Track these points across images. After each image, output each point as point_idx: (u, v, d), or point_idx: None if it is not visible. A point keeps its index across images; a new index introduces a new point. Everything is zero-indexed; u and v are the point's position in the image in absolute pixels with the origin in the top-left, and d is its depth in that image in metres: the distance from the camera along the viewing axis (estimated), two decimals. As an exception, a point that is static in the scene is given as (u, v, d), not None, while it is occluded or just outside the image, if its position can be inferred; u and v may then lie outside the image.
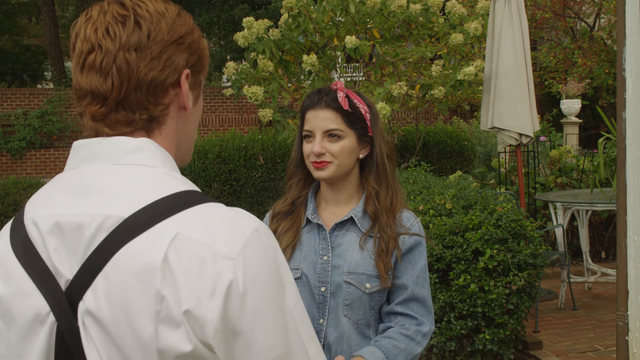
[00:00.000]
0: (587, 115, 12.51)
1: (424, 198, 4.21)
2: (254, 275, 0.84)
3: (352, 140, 1.66)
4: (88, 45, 0.91)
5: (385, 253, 1.64)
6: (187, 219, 0.85)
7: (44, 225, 0.88)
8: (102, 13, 0.92)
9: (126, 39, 0.90)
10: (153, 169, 0.91)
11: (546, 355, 4.19)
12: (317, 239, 1.70)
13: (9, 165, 13.42)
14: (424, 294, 1.69)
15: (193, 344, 0.81)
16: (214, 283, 0.82)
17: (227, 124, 14.10)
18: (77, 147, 0.94)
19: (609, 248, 6.61)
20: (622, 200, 2.37)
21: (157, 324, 0.81)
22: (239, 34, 5.91)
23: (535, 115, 5.31)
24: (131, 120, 0.92)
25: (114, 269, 0.83)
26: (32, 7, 21.46)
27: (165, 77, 0.93)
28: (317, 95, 1.68)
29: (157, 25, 0.93)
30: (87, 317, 0.83)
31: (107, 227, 0.85)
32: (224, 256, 0.83)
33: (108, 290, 0.82)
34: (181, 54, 0.95)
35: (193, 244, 0.83)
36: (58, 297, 0.85)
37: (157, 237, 0.83)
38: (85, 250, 0.85)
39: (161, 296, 0.81)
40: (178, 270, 0.81)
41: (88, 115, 0.92)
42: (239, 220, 0.88)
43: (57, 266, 0.86)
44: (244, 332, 0.83)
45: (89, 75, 0.91)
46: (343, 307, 1.64)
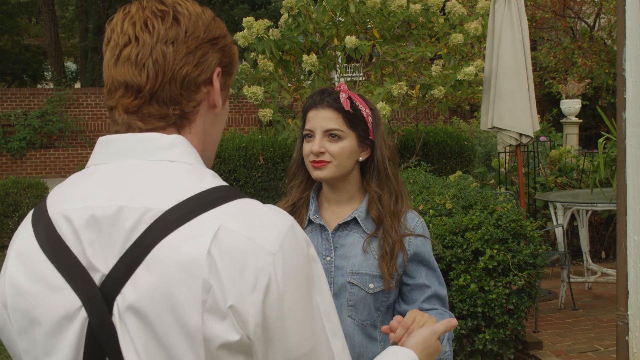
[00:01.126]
0: (587, 115, 12.51)
1: (424, 198, 4.21)
2: (290, 271, 0.85)
3: (352, 141, 1.66)
4: (125, 39, 0.91)
5: (389, 256, 1.64)
6: (228, 212, 0.85)
7: (77, 219, 0.87)
8: (140, 9, 0.93)
9: (164, 32, 0.91)
10: (187, 165, 0.91)
11: (546, 355, 4.19)
12: (319, 240, 1.69)
13: (9, 165, 13.42)
14: (444, 292, 1.71)
15: (240, 335, 0.82)
16: (255, 278, 0.82)
17: (227, 124, 14.09)
18: (106, 142, 0.93)
19: (609, 248, 6.61)
20: (622, 200, 2.37)
21: (204, 313, 0.81)
22: (239, 34, 5.91)
23: (535, 115, 5.31)
24: (165, 114, 0.92)
25: (157, 260, 0.82)
26: (32, 7, 21.47)
27: (198, 74, 0.93)
28: (319, 95, 1.68)
29: (195, 23, 0.94)
30: (127, 312, 0.83)
31: (147, 219, 0.84)
32: (265, 250, 0.84)
33: (150, 282, 0.82)
34: (215, 53, 0.96)
35: (236, 237, 0.83)
36: (91, 292, 0.84)
37: (200, 228, 0.83)
38: (124, 243, 0.84)
39: (209, 286, 0.81)
40: (222, 263, 0.82)
41: (121, 108, 0.92)
42: (276, 216, 0.89)
43: (91, 260, 0.85)
44: (279, 326, 0.84)
45: (124, 67, 0.91)
46: (347, 308, 1.64)
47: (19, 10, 21.23)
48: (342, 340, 0.93)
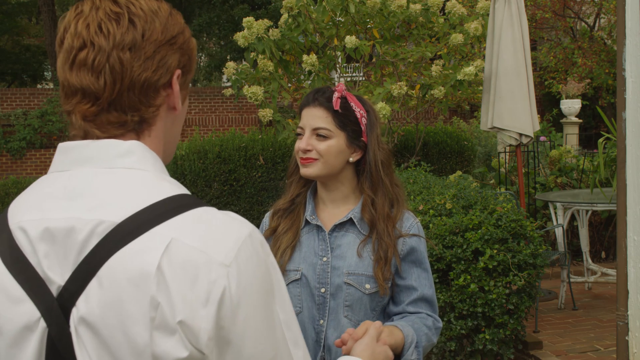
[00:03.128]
0: (587, 115, 12.51)
1: (424, 198, 4.21)
2: (246, 282, 0.83)
3: (340, 141, 1.65)
4: (79, 41, 0.89)
5: (383, 261, 1.63)
6: (181, 224, 0.84)
7: (33, 231, 0.86)
8: (94, 8, 0.90)
9: (120, 37, 0.88)
10: (145, 173, 0.90)
11: (546, 355, 4.19)
12: (316, 240, 1.69)
13: (9, 165, 13.42)
14: (432, 295, 1.70)
15: (189, 351, 0.80)
16: (208, 291, 0.81)
17: (227, 124, 14.09)
18: (65, 149, 0.91)
19: (609, 248, 6.61)
20: (622, 200, 2.37)
21: (152, 331, 0.80)
22: (239, 34, 5.91)
23: (535, 115, 5.31)
24: (123, 121, 0.91)
25: (108, 275, 0.81)
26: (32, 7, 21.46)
27: (158, 78, 0.91)
28: (313, 94, 1.68)
29: (151, 25, 0.91)
30: (81, 324, 0.82)
31: (99, 232, 0.83)
32: (218, 263, 0.82)
33: (101, 296, 0.81)
34: (174, 54, 0.93)
35: (187, 251, 0.82)
36: (49, 303, 0.83)
37: (152, 242, 0.82)
38: (77, 256, 0.83)
39: (156, 303, 0.80)
40: (172, 278, 0.80)
41: (78, 114, 0.90)
42: (233, 225, 0.87)
43: (47, 272, 0.84)
44: (236, 339, 0.82)
45: (80, 72, 0.89)
46: (343, 308, 1.64)
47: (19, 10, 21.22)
48: (304, 350, 0.92)
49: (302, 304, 1.66)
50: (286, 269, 1.68)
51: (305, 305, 1.66)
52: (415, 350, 1.56)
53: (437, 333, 1.68)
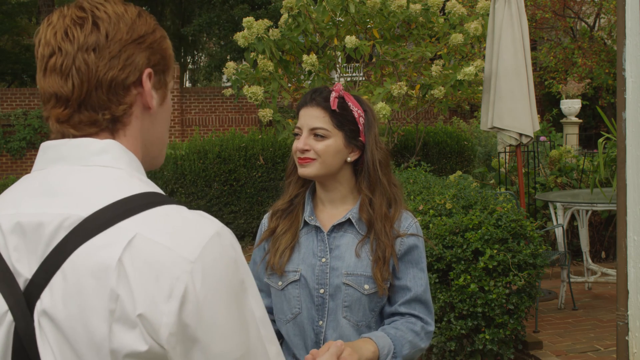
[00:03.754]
0: (587, 115, 12.51)
1: (424, 198, 4.21)
2: (212, 279, 0.84)
3: (338, 141, 1.65)
4: (49, 49, 0.92)
5: (382, 261, 1.63)
6: (147, 220, 0.85)
7: (5, 225, 0.88)
8: (61, 17, 0.93)
9: (84, 39, 0.91)
10: (118, 171, 0.91)
11: (546, 355, 4.19)
12: (315, 241, 1.69)
13: (9, 165, 13.42)
14: (427, 296, 1.69)
15: (149, 344, 0.81)
16: (171, 287, 0.81)
17: (227, 124, 14.09)
18: (45, 148, 0.94)
19: (609, 248, 6.61)
20: (622, 200, 2.37)
21: (112, 323, 0.80)
22: (239, 34, 5.91)
23: (535, 115, 5.31)
24: (94, 120, 0.93)
25: (71, 268, 0.82)
26: (32, 7, 21.45)
27: (125, 76, 0.93)
28: (311, 94, 1.68)
29: (116, 26, 0.93)
30: (43, 317, 0.83)
31: (66, 226, 0.85)
32: (182, 259, 0.82)
33: (65, 289, 0.82)
34: (142, 53, 0.95)
35: (152, 246, 0.83)
36: (16, 297, 0.84)
37: (116, 236, 0.83)
38: (45, 250, 0.85)
39: (116, 295, 0.81)
40: (133, 271, 0.81)
41: (53, 118, 0.93)
42: (200, 223, 0.88)
43: (15, 265, 0.85)
44: (201, 336, 0.83)
45: (51, 78, 0.92)
46: (342, 309, 1.63)
47: (19, 10, 21.21)
48: (277, 346, 0.93)
49: (301, 304, 1.66)
50: (285, 270, 1.67)
51: (304, 306, 1.65)
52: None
53: (427, 337, 1.67)
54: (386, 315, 1.69)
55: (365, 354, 1.49)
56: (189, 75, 26.27)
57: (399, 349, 1.58)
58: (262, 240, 1.77)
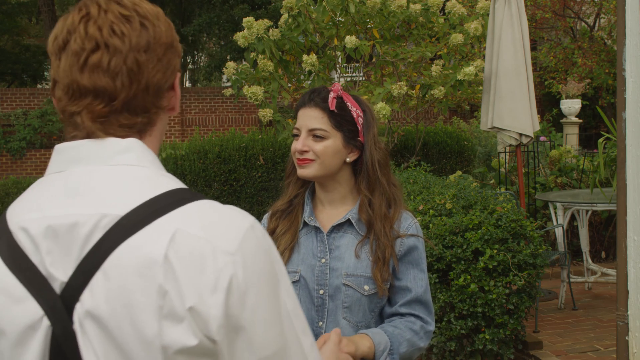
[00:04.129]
0: (587, 115, 12.50)
1: (424, 198, 4.21)
2: (252, 270, 0.85)
3: (337, 141, 1.65)
4: (91, 44, 0.89)
5: (382, 262, 1.63)
6: (185, 215, 0.85)
7: (34, 229, 0.86)
8: (102, 11, 0.91)
9: (136, 39, 0.90)
10: (144, 169, 0.91)
11: (546, 355, 4.19)
12: (314, 242, 1.69)
13: (9, 165, 13.42)
14: (427, 296, 1.69)
15: (198, 339, 0.81)
16: (216, 278, 0.82)
17: (227, 124, 14.09)
18: (61, 150, 0.92)
19: (609, 248, 6.61)
20: (622, 200, 2.37)
21: (161, 320, 0.80)
22: (239, 34, 5.91)
23: (535, 115, 5.31)
24: (133, 123, 0.92)
25: (113, 267, 0.82)
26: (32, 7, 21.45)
27: (166, 80, 0.94)
28: (309, 94, 1.68)
29: (158, 28, 0.93)
30: (86, 318, 0.82)
31: (103, 225, 0.84)
32: (223, 251, 0.83)
33: (108, 288, 0.82)
34: (175, 56, 0.96)
35: (193, 240, 0.83)
36: (52, 301, 0.83)
37: (157, 233, 0.83)
38: (81, 251, 0.84)
39: (164, 291, 0.81)
40: (179, 266, 0.81)
41: (87, 114, 0.90)
42: (235, 216, 0.89)
43: (49, 270, 0.84)
44: (245, 326, 0.83)
45: (94, 74, 0.89)
46: (342, 310, 1.63)
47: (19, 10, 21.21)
48: (311, 338, 0.94)
49: (300, 305, 1.66)
50: None
51: (304, 307, 1.65)
52: (389, 357, 1.56)
53: (426, 337, 1.67)
54: (386, 315, 1.69)
55: (361, 347, 1.50)
56: (189, 75, 26.27)
57: (396, 346, 1.58)
58: None
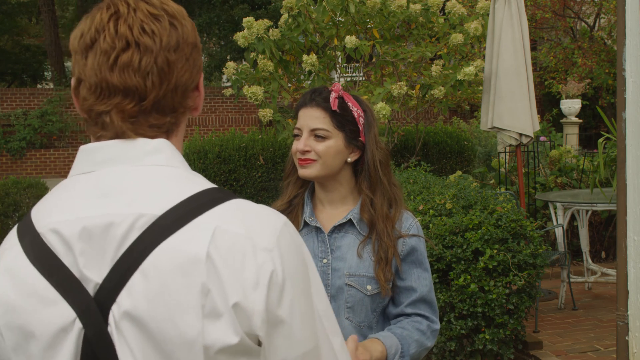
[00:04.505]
0: (587, 115, 12.50)
1: (424, 198, 4.21)
2: (289, 266, 0.85)
3: (338, 141, 1.65)
4: (122, 43, 0.88)
5: (384, 262, 1.63)
6: (222, 213, 0.86)
7: (68, 231, 0.85)
8: (131, 10, 0.90)
9: (167, 39, 0.90)
10: (175, 169, 0.91)
11: (546, 355, 4.19)
12: (315, 242, 1.68)
13: (9, 166, 13.42)
14: (431, 295, 1.69)
15: (240, 336, 0.81)
16: (257, 274, 0.82)
17: (227, 124, 14.09)
18: (89, 150, 0.91)
19: (609, 248, 6.61)
20: (622, 200, 2.37)
21: (203, 319, 0.80)
22: (239, 34, 5.91)
23: (535, 115, 5.31)
24: (162, 124, 0.92)
25: (153, 266, 0.81)
26: (32, 7, 21.45)
27: (193, 79, 0.94)
28: (310, 94, 1.68)
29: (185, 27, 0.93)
30: (124, 320, 0.81)
31: (140, 225, 0.83)
32: (263, 248, 0.84)
33: (147, 288, 0.81)
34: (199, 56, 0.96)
35: (233, 237, 0.84)
36: (85, 303, 0.82)
37: (197, 231, 0.83)
38: (116, 251, 0.83)
39: (207, 290, 0.81)
40: (221, 263, 0.82)
41: (117, 114, 0.89)
42: (270, 214, 0.90)
43: (83, 271, 0.84)
44: (285, 322, 0.84)
45: (125, 73, 0.88)
46: (345, 310, 1.63)
47: (19, 10, 21.21)
48: (341, 338, 0.94)
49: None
50: None
51: None
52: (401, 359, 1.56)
53: (433, 336, 1.67)
54: (392, 316, 1.69)
55: (374, 354, 1.50)
56: (189, 75, 26.23)
57: (407, 348, 1.58)
58: None
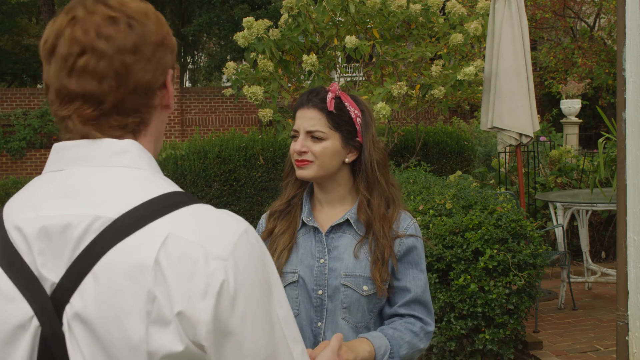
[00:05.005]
0: (587, 115, 12.50)
1: (424, 198, 4.21)
2: (244, 276, 0.84)
3: (335, 142, 1.64)
4: (78, 48, 0.88)
5: (381, 262, 1.62)
6: (178, 219, 0.85)
7: (28, 229, 0.86)
8: (89, 13, 0.89)
9: (122, 41, 0.88)
10: (141, 171, 0.90)
11: (546, 355, 4.19)
12: (313, 242, 1.68)
13: (9, 165, 13.42)
14: (426, 296, 1.69)
15: (185, 344, 0.80)
16: (206, 284, 0.81)
17: (227, 124, 14.09)
18: (60, 149, 0.91)
19: (609, 248, 6.61)
20: (622, 200, 2.37)
21: (148, 325, 0.80)
22: (239, 34, 5.92)
23: (535, 115, 5.31)
24: (125, 124, 0.91)
25: (104, 270, 0.81)
26: (32, 7, 21.45)
27: (156, 79, 0.93)
28: (307, 95, 1.68)
29: (146, 27, 0.91)
30: (75, 321, 0.82)
31: (96, 228, 0.83)
32: (216, 256, 0.83)
33: (97, 291, 0.81)
34: (167, 54, 0.94)
35: (184, 245, 0.83)
36: (42, 302, 0.83)
37: (149, 237, 0.82)
38: (72, 252, 0.83)
39: (153, 296, 0.80)
40: (170, 271, 0.81)
41: (77, 118, 0.90)
42: (229, 221, 0.88)
43: (41, 270, 0.84)
44: (235, 332, 0.83)
45: (81, 79, 0.88)
46: (341, 310, 1.63)
47: (19, 10, 21.21)
48: (302, 346, 0.93)
49: (299, 306, 1.65)
50: (283, 271, 1.67)
51: (302, 307, 1.65)
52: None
53: (426, 338, 1.67)
54: (386, 316, 1.69)
55: (361, 353, 1.49)
56: (189, 75, 26.27)
57: (396, 349, 1.58)
58: None
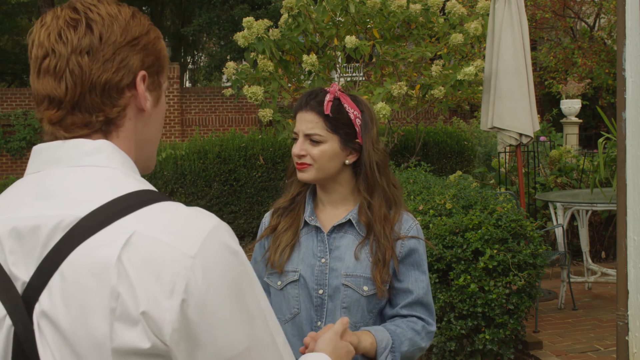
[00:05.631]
0: (587, 115, 12.50)
1: (424, 198, 4.21)
2: (213, 274, 0.84)
3: (334, 144, 1.64)
4: (42, 51, 0.92)
5: (382, 263, 1.63)
6: (145, 217, 0.85)
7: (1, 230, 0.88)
8: (55, 18, 0.93)
9: (77, 42, 0.91)
10: (112, 170, 0.91)
11: (546, 355, 4.19)
12: (315, 241, 1.69)
13: (9, 165, 13.42)
14: (428, 298, 1.69)
15: (152, 342, 0.80)
16: (172, 283, 0.81)
17: (227, 124, 14.09)
18: (38, 151, 0.94)
19: (609, 248, 6.61)
20: (622, 200, 2.37)
21: (113, 322, 0.80)
22: (239, 34, 5.92)
23: (535, 115, 5.31)
24: (88, 122, 0.93)
25: (70, 268, 0.82)
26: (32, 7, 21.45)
27: (119, 79, 0.93)
28: (306, 97, 1.68)
29: (109, 28, 0.93)
30: (43, 319, 0.83)
31: (63, 227, 0.84)
32: (183, 255, 0.82)
33: (64, 289, 0.82)
34: (136, 55, 0.95)
35: (150, 243, 0.82)
36: (14, 301, 0.84)
37: (114, 235, 0.83)
38: (42, 251, 0.84)
39: (117, 293, 0.80)
40: (133, 269, 0.81)
41: (46, 119, 0.93)
42: (198, 218, 0.88)
43: (12, 269, 0.85)
44: (204, 331, 0.83)
45: (44, 80, 0.92)
46: (341, 310, 1.63)
47: (19, 10, 21.20)
48: (283, 337, 0.93)
49: (300, 305, 1.66)
50: (284, 270, 1.67)
51: (303, 306, 1.65)
52: (391, 355, 1.56)
53: (428, 337, 1.67)
54: (387, 317, 1.69)
55: (363, 343, 1.50)
56: (189, 75, 26.27)
57: (398, 344, 1.58)
58: (262, 237, 1.78)
